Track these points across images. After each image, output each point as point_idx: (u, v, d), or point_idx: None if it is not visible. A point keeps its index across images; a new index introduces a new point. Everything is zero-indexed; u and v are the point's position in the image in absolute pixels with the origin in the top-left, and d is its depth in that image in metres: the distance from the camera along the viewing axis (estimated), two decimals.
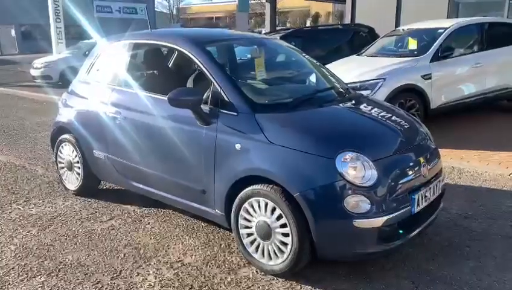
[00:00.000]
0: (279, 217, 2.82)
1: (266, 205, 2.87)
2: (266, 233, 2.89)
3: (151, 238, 3.47)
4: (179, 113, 3.22)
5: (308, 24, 42.60)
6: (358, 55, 7.68)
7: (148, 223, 3.73)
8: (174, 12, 46.13)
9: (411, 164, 2.94)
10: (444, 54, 6.56)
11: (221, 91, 3.09)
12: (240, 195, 2.98)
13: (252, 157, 2.90)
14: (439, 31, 6.84)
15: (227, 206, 3.09)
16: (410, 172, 2.89)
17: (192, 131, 3.19)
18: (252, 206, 2.94)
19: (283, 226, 2.80)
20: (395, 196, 2.75)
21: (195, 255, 3.21)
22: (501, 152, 5.55)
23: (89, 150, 4.07)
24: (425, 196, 2.97)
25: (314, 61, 4.01)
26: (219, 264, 3.09)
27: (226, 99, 3.07)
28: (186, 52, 3.40)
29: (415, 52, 6.78)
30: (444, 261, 3.06)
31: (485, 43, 7.05)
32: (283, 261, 2.85)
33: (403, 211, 2.76)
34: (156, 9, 33.36)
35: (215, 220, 3.28)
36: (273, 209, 2.83)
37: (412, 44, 7.14)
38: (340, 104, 3.35)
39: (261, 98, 3.13)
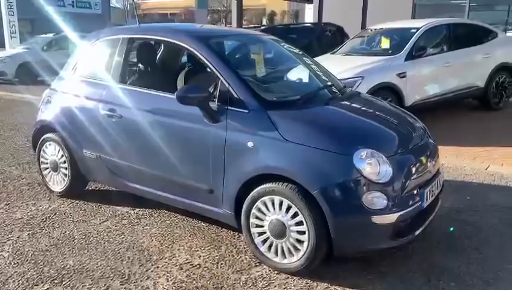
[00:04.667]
0: (294, 215, 2.80)
1: (281, 203, 2.84)
2: (280, 231, 2.87)
3: (152, 240, 3.36)
4: (185, 111, 3.13)
5: (264, 22, 42.79)
6: (332, 53, 7.79)
7: (146, 225, 3.61)
8: (128, 7, 44.97)
9: (420, 159, 3.00)
10: (417, 53, 6.77)
11: (230, 88, 3.03)
12: (252, 193, 2.94)
13: (266, 155, 2.87)
14: (412, 30, 7.05)
15: (237, 206, 3.04)
16: (420, 168, 2.96)
17: (199, 129, 3.12)
18: (265, 205, 2.91)
19: (298, 224, 2.79)
20: (408, 192, 2.81)
21: (203, 256, 3.14)
22: (474, 147, 5.80)
23: (78, 150, 3.88)
24: (432, 191, 3.06)
25: (310, 58, 4.03)
26: (230, 265, 3.03)
27: (236, 96, 3.01)
28: (189, 48, 3.31)
29: (390, 51, 6.96)
30: (448, 254, 3.15)
31: (453, 43, 7.34)
32: (298, 259, 2.83)
33: (415, 206, 2.82)
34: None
35: (222, 220, 3.22)
36: (288, 207, 2.82)
37: (385, 43, 7.32)
38: (344, 101, 3.38)
39: (270, 95, 3.10)
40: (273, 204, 2.88)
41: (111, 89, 3.64)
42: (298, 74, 3.73)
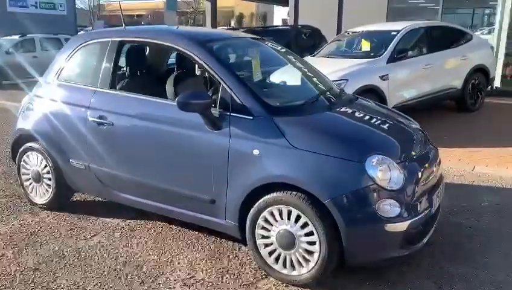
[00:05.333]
0: (304, 225, 2.70)
1: (289, 213, 2.74)
2: (289, 242, 2.76)
3: (149, 254, 3.19)
4: (185, 118, 2.99)
5: (232, 24, 42.71)
6: (313, 56, 7.76)
7: (141, 237, 3.43)
8: (93, 9, 43.86)
9: (426, 164, 2.96)
10: (398, 55, 6.81)
11: (233, 94, 2.91)
12: (258, 203, 2.82)
13: (273, 164, 2.75)
14: (393, 33, 7.09)
15: (241, 216, 2.92)
16: (427, 173, 2.92)
17: (200, 137, 2.98)
18: (272, 215, 2.80)
19: (308, 234, 2.69)
20: (418, 198, 2.76)
21: (205, 270, 2.99)
22: (457, 149, 5.87)
23: (64, 160, 3.65)
24: (438, 196, 3.02)
25: (306, 62, 3.94)
26: (235, 278, 2.90)
27: (239, 102, 2.88)
28: (187, 52, 3.16)
29: (372, 54, 6.98)
30: (454, 260, 3.12)
31: (432, 46, 7.44)
32: (309, 271, 2.73)
33: (425, 212, 2.78)
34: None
35: (224, 231, 3.09)
36: (297, 217, 2.71)
37: (366, 46, 7.33)
38: (347, 106, 3.30)
39: (273, 100, 2.99)
40: (280, 214, 2.77)
41: (101, 95, 3.44)
42: (296, 78, 3.63)
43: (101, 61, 3.50)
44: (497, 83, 9.60)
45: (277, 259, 2.84)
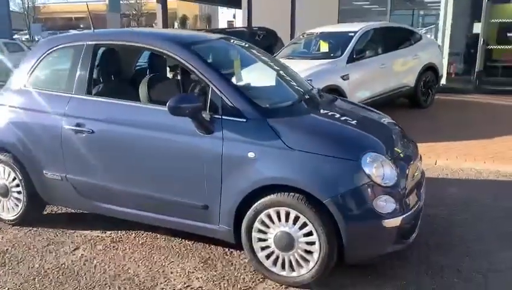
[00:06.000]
0: (303, 226, 2.70)
1: (287, 214, 2.73)
2: (287, 244, 2.75)
3: (139, 266, 3.07)
4: (174, 123, 2.90)
5: (176, 26, 42.19)
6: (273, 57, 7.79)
7: (126, 249, 3.30)
8: (28, 11, 41.65)
9: (413, 160, 3.07)
10: (357, 55, 7.02)
11: (224, 96, 2.86)
12: (254, 206, 2.79)
13: (270, 166, 2.74)
14: (350, 34, 7.28)
15: (236, 220, 2.88)
16: (415, 168, 3.03)
17: (191, 141, 2.90)
18: (269, 217, 2.78)
19: (307, 234, 2.70)
20: (409, 193, 2.85)
21: (201, 278, 2.92)
22: (418, 144, 6.11)
23: (36, 171, 3.44)
24: (424, 190, 3.14)
25: (283, 64, 3.95)
26: (233, 284, 2.86)
27: (230, 104, 2.84)
28: (172, 54, 3.07)
29: (331, 55, 7.12)
30: (440, 251, 3.24)
31: (387, 46, 7.71)
32: (308, 271, 2.74)
33: (416, 207, 2.87)
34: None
35: (218, 237, 3.03)
36: (296, 218, 2.71)
37: (324, 47, 7.49)
38: (331, 106, 3.35)
39: (263, 102, 2.97)
40: (278, 216, 2.76)
41: (77, 101, 3.27)
42: (277, 79, 3.63)
43: (76, 66, 3.33)
44: (442, 80, 10.12)
45: (275, 261, 2.82)
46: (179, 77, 4.36)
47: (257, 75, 3.59)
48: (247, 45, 3.94)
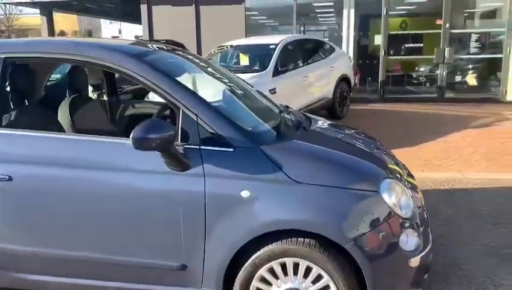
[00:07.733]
0: (316, 279, 2.14)
1: (295, 266, 2.15)
2: None
3: None
4: (135, 159, 2.17)
5: None
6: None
7: None
8: None
9: (412, 183, 2.69)
10: (282, 68, 6.71)
11: (200, 121, 2.20)
12: (251, 260, 2.17)
13: (272, 206, 2.13)
14: (271, 46, 6.95)
15: (227, 280, 2.21)
16: (415, 191, 2.63)
17: (159, 182, 2.19)
18: (272, 272, 2.17)
19: (323, 289, 2.15)
20: (421, 224, 2.42)
21: None
22: None
23: None
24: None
25: (243, 79, 3.38)
26: None
27: (211, 131, 2.19)
28: (126, 70, 2.29)
29: (255, 68, 6.71)
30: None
31: (307, 58, 7.56)
32: None
33: (430, 239, 2.44)
34: None
35: None
36: (307, 270, 2.15)
37: (244, 60, 7.07)
38: (315, 128, 2.84)
39: (246, 124, 2.35)
40: (284, 269, 2.17)
41: None
42: (248, 95, 3.03)
43: None
44: None
45: None
46: (105, 98, 3.57)
47: (225, 93, 2.94)
48: (199, 57, 3.28)
